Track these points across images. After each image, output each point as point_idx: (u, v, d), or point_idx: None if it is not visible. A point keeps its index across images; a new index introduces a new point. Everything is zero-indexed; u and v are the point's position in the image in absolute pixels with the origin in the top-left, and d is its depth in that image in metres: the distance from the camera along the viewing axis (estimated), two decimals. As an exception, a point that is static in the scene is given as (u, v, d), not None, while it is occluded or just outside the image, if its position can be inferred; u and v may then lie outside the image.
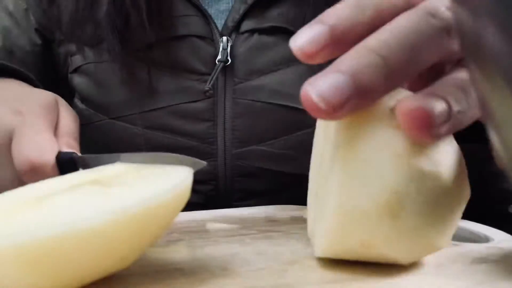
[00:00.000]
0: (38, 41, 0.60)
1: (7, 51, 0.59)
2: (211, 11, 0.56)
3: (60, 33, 0.59)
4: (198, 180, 0.36)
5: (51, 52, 0.61)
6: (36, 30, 0.60)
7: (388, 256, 0.24)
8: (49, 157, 0.37)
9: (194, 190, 0.27)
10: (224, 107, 0.55)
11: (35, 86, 0.49)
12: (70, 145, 0.40)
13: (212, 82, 0.53)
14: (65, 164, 0.38)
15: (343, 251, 0.25)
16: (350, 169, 0.23)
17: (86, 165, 0.38)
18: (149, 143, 0.56)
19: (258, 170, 0.54)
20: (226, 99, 0.55)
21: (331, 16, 0.23)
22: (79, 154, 0.39)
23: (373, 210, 0.23)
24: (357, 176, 0.23)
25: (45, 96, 0.43)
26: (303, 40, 0.23)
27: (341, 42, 0.23)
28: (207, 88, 0.53)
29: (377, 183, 0.23)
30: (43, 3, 0.59)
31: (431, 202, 0.23)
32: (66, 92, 0.57)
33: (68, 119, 0.43)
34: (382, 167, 0.23)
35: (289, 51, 0.23)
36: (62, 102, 0.44)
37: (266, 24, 0.54)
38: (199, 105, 0.55)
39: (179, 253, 0.29)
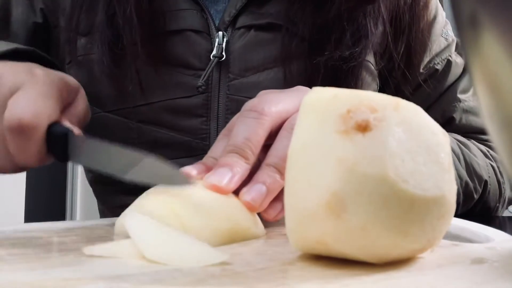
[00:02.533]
0: (40, 20, 0.59)
1: (2, 20, 0.58)
2: (210, 10, 0.56)
3: (62, 18, 0.58)
4: None
5: (48, 36, 0.60)
6: (41, 10, 0.59)
7: (348, 254, 0.25)
8: (41, 123, 0.35)
9: None
10: (218, 103, 0.54)
11: None
12: (72, 123, 0.39)
13: (205, 77, 0.53)
14: (55, 138, 0.36)
15: (307, 247, 0.26)
16: (298, 173, 0.25)
17: (78, 146, 0.36)
18: (143, 137, 0.56)
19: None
20: (220, 95, 0.54)
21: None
22: (76, 133, 0.37)
23: (317, 211, 0.24)
24: (303, 179, 0.25)
25: (70, 77, 0.42)
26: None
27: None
28: (199, 84, 0.53)
29: (318, 186, 0.24)
30: None
31: (378, 203, 0.23)
32: None
33: (82, 108, 0.42)
34: (323, 170, 0.24)
35: (285, 49, 0.24)
36: (84, 94, 0.44)
37: (263, 21, 0.54)
38: (193, 100, 0.54)
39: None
